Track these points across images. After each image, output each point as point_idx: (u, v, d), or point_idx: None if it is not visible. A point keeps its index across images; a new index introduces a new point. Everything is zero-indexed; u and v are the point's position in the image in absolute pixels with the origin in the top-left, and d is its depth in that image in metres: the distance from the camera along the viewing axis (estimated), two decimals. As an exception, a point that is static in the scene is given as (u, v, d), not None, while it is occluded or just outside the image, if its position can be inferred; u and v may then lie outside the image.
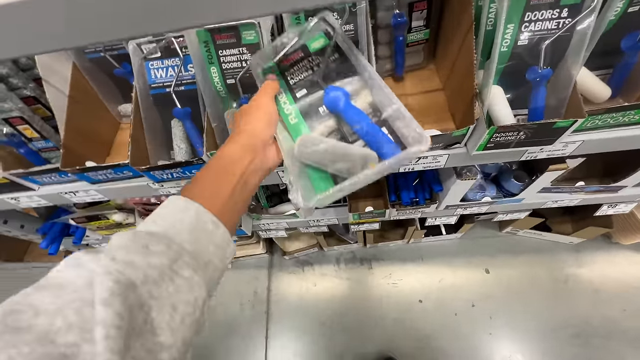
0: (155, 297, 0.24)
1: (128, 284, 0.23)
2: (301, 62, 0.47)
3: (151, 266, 0.25)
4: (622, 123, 0.55)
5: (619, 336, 1.08)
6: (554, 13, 0.47)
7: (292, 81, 0.47)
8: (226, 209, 0.33)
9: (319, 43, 0.46)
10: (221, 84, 0.57)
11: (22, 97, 0.61)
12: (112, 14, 0.26)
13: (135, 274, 0.24)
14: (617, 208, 0.97)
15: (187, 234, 0.29)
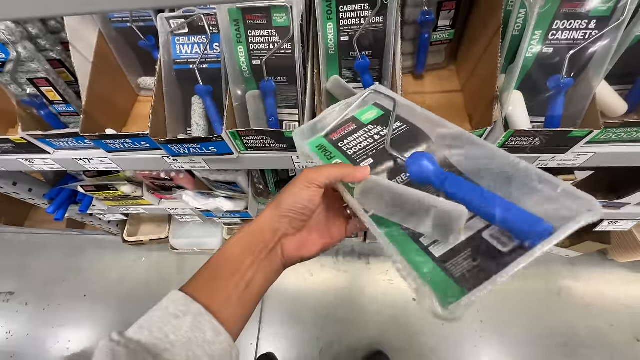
0: None
1: None
2: (356, 133, 0.41)
3: None
4: (635, 139, 0.56)
5: (604, 348, 1.11)
6: (582, 23, 0.48)
7: (350, 151, 0.39)
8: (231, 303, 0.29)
9: (371, 114, 0.42)
10: (246, 64, 0.58)
11: (48, 59, 0.62)
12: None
13: None
14: (617, 225, 0.98)
15: (180, 348, 0.26)
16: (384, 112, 0.42)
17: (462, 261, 0.30)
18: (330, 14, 0.54)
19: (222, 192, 0.96)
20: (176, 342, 0.26)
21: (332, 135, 0.42)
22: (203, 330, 0.27)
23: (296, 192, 0.32)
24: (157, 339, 0.26)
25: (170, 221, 1.41)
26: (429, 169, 0.33)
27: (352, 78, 0.62)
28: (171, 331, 0.26)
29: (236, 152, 0.65)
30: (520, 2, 0.50)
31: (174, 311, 0.27)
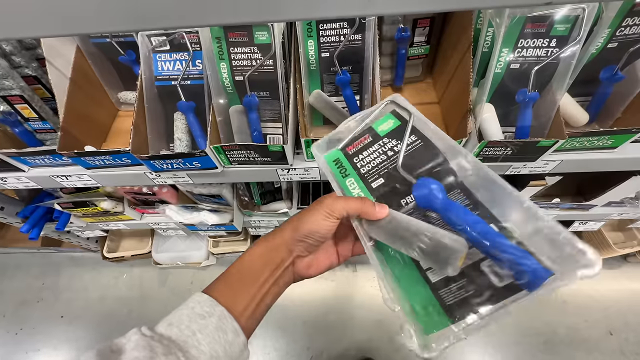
0: None
1: None
2: (371, 147, 0.40)
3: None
4: (596, 146, 0.60)
5: (581, 345, 1.16)
6: (544, 42, 0.52)
7: (363, 169, 0.39)
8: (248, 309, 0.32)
9: (387, 125, 0.41)
10: (229, 80, 0.59)
11: (23, 75, 0.60)
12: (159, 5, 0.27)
13: None
14: (587, 225, 1.04)
15: (207, 346, 0.29)
16: (400, 122, 0.40)
17: (455, 290, 0.30)
18: (311, 31, 0.56)
19: (207, 205, 0.95)
20: (202, 340, 0.29)
21: (348, 148, 0.41)
22: (225, 331, 0.30)
23: (316, 220, 0.33)
24: (186, 336, 0.29)
25: (153, 235, 1.38)
26: (434, 198, 0.33)
27: (333, 92, 0.64)
28: (198, 330, 0.29)
29: (220, 166, 0.65)
30: (488, 22, 0.54)
31: (200, 311, 0.30)
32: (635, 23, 0.49)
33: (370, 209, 0.33)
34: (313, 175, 0.68)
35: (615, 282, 1.28)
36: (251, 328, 0.33)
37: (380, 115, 0.42)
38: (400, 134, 0.39)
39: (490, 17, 0.52)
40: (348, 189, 0.39)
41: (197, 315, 0.30)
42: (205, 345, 0.29)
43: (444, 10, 0.26)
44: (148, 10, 0.29)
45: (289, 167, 0.66)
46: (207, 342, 0.29)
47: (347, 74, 0.60)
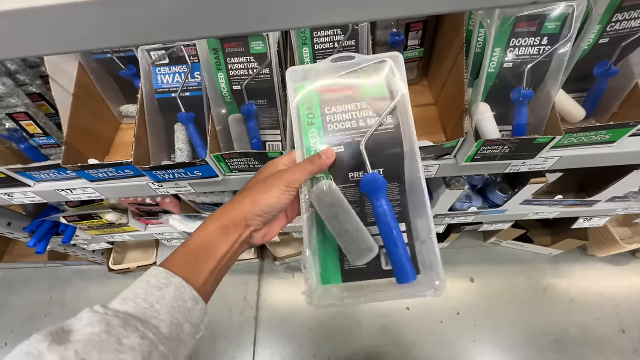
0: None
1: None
2: (348, 104, 0.38)
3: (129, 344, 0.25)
4: (594, 141, 0.60)
5: (593, 343, 1.14)
6: (535, 40, 0.52)
7: (330, 127, 0.38)
8: (208, 282, 0.33)
9: (374, 88, 0.38)
10: (227, 90, 0.60)
11: (27, 93, 0.62)
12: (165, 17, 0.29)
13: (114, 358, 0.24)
14: (592, 221, 1.03)
15: (166, 315, 0.29)
16: (386, 92, 0.38)
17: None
18: (305, 39, 0.57)
19: (210, 214, 0.96)
20: (161, 310, 0.29)
21: (324, 90, 0.38)
22: (184, 300, 0.30)
23: (275, 195, 0.34)
24: (143, 308, 0.28)
25: (158, 246, 1.39)
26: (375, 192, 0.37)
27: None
28: (155, 301, 0.29)
29: (221, 175, 0.66)
30: (479, 23, 0.54)
31: (156, 284, 0.30)
32: (625, 18, 0.50)
33: (321, 164, 0.35)
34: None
35: (625, 279, 1.26)
36: (209, 295, 0.34)
37: (373, 72, 0.38)
38: (379, 107, 0.38)
39: (481, 18, 0.53)
40: (308, 137, 0.38)
41: (154, 287, 0.30)
42: (164, 314, 0.29)
43: (419, 14, 0.27)
44: (144, 26, 0.30)
45: (288, 173, 0.66)
46: (165, 311, 0.29)
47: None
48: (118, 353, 0.25)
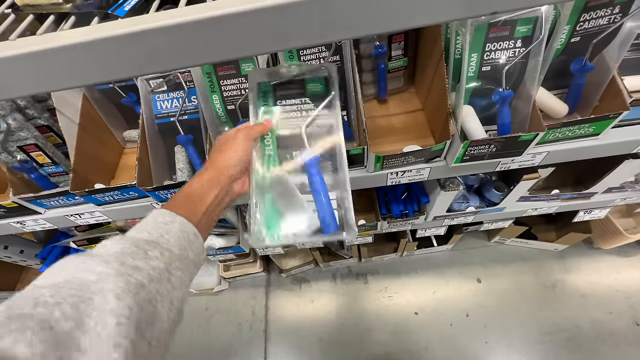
0: (160, 293, 0.30)
1: (137, 284, 0.28)
2: (294, 99, 0.50)
3: (153, 269, 0.30)
4: (579, 135, 0.62)
5: (607, 338, 1.12)
6: (509, 44, 0.55)
7: (281, 115, 0.50)
8: (201, 223, 0.39)
9: (316, 87, 0.50)
10: (222, 110, 0.63)
11: (36, 126, 0.66)
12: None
13: (142, 276, 0.29)
14: (592, 214, 1.03)
15: (175, 242, 0.34)
16: (326, 89, 0.50)
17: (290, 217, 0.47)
18: (292, 58, 0.61)
19: (214, 230, 0.99)
20: (170, 238, 0.34)
21: (278, 85, 0.50)
22: (187, 233, 0.35)
23: (243, 147, 0.44)
24: (156, 236, 0.34)
25: (166, 265, 1.41)
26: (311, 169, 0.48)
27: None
28: (165, 232, 0.34)
29: (221, 191, 0.69)
30: (455, 31, 0.57)
31: (163, 220, 0.35)
32: (593, 17, 0.52)
33: (264, 127, 0.47)
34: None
35: (635, 270, 1.24)
36: (204, 237, 0.39)
37: (315, 72, 0.49)
38: (318, 101, 0.50)
39: (456, 27, 0.56)
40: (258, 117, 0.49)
41: (161, 223, 0.35)
42: (173, 242, 0.34)
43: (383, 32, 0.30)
44: (141, 59, 0.34)
45: (285, 185, 0.69)
46: (174, 240, 0.34)
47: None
48: (147, 260, 0.30)
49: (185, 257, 0.34)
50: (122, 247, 0.30)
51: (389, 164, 0.64)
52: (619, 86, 0.57)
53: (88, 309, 0.24)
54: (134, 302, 0.26)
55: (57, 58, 0.35)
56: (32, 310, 0.22)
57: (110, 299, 0.25)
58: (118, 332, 0.24)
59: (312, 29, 0.31)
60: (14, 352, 0.20)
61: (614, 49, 0.56)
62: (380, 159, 0.62)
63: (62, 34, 0.35)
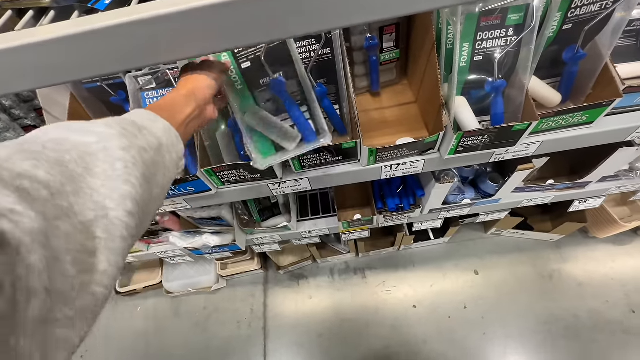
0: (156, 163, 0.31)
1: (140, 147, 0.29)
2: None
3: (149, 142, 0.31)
4: (573, 124, 0.62)
5: (604, 327, 1.13)
6: (501, 32, 0.54)
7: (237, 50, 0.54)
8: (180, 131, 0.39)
9: None
10: (212, 106, 0.62)
11: (23, 126, 0.65)
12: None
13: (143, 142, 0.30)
14: (587, 203, 1.04)
15: (162, 135, 0.33)
16: None
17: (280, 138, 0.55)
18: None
19: (209, 228, 0.98)
20: (157, 132, 0.33)
21: None
22: (171, 135, 0.35)
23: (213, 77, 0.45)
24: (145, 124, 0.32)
25: (162, 265, 1.40)
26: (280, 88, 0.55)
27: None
28: (151, 126, 0.33)
29: (214, 188, 0.68)
30: (447, 21, 0.57)
31: (148, 117, 0.34)
32: (584, 4, 0.52)
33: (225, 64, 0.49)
34: (304, 186, 0.70)
35: (630, 258, 1.25)
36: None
37: None
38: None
39: (447, 16, 0.55)
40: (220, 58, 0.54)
41: (146, 119, 0.33)
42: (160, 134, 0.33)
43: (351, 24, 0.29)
44: (124, 54, 0.33)
45: (279, 181, 0.68)
46: (161, 133, 0.33)
47: (323, 87, 0.63)
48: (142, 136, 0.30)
49: (170, 152, 0.33)
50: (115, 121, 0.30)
51: (382, 157, 0.64)
52: (612, 73, 0.57)
53: (94, 160, 0.25)
54: (140, 156, 0.27)
55: (36, 54, 0.34)
56: (43, 150, 0.22)
57: (116, 151, 0.26)
58: (127, 173, 0.25)
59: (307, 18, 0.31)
60: (35, 173, 0.20)
61: (607, 36, 0.56)
62: (374, 152, 0.61)
63: (42, 30, 0.34)
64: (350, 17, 0.31)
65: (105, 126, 0.28)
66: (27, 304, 0.16)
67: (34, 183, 0.20)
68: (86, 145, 0.25)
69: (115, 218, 0.23)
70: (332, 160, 0.65)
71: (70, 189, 0.22)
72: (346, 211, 1.04)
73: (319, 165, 0.66)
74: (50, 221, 0.19)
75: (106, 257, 0.22)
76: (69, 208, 0.21)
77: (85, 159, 0.24)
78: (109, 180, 0.24)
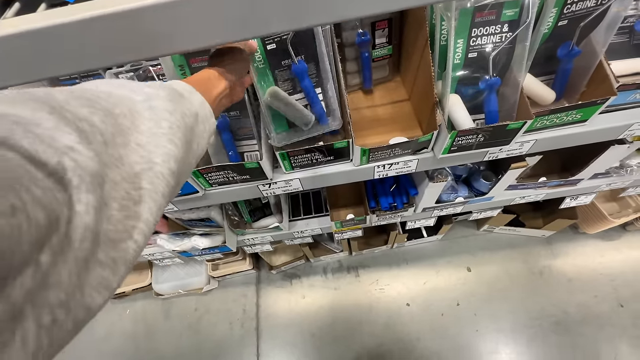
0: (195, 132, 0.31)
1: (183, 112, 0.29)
2: None
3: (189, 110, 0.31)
4: (567, 122, 0.61)
5: (593, 321, 1.15)
6: (496, 28, 0.53)
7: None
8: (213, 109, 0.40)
9: None
10: (198, 105, 0.59)
11: None
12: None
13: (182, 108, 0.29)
14: (578, 200, 1.04)
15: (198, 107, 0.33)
16: None
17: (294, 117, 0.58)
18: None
19: (198, 230, 0.95)
20: (195, 102, 0.33)
21: None
22: (205, 109, 0.35)
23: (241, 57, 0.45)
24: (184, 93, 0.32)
25: (152, 267, 1.37)
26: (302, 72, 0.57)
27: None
28: (189, 97, 0.33)
29: (201, 190, 0.66)
30: (440, 16, 0.55)
31: (185, 88, 0.34)
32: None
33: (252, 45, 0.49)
34: (295, 187, 0.68)
35: (618, 253, 1.27)
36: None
37: None
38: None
39: (441, 12, 0.53)
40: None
41: (184, 89, 0.34)
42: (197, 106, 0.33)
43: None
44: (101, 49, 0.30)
45: (269, 182, 0.66)
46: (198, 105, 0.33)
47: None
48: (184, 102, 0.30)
49: (204, 123, 0.34)
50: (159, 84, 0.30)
51: (375, 157, 0.62)
52: (606, 71, 0.56)
53: (140, 117, 0.25)
54: (182, 120, 0.28)
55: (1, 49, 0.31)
56: (98, 100, 0.23)
57: (162, 111, 0.26)
58: (172, 133, 0.26)
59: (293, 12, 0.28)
60: (92, 119, 0.21)
61: (601, 32, 0.55)
62: (366, 152, 0.60)
63: (5, 22, 0.31)
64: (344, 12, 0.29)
65: (151, 87, 0.28)
66: (79, 243, 0.17)
67: (93, 127, 0.20)
68: (133, 102, 0.26)
69: (159, 173, 0.24)
70: (324, 160, 0.64)
71: (119, 140, 0.22)
72: (339, 210, 1.03)
73: (310, 165, 0.64)
74: (103, 166, 0.19)
75: (149, 207, 0.23)
76: (119, 159, 0.21)
77: (134, 114, 0.25)
78: (154, 137, 0.25)
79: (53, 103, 0.19)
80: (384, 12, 0.31)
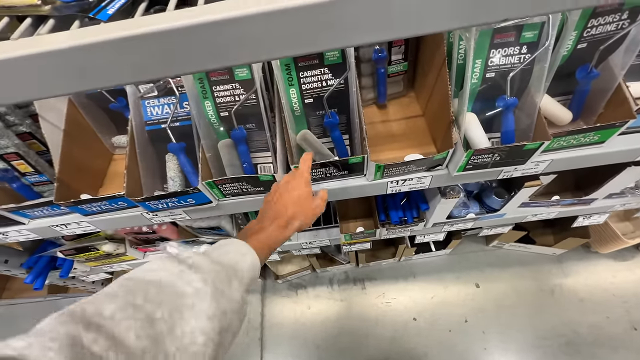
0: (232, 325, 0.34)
1: (223, 311, 0.32)
2: (315, 70, 0.57)
3: (233, 300, 0.34)
4: (583, 143, 0.61)
5: (605, 342, 1.12)
6: (515, 49, 0.53)
7: (304, 87, 0.59)
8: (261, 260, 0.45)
9: (333, 56, 0.56)
10: (215, 117, 0.60)
11: (17, 133, 0.62)
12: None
13: (226, 303, 0.33)
14: (591, 219, 1.03)
15: (247, 273, 0.39)
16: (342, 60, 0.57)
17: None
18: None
19: (208, 238, 0.95)
20: (244, 269, 0.39)
21: (300, 60, 0.56)
22: (255, 268, 0.41)
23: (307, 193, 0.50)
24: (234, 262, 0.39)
25: (158, 272, 1.37)
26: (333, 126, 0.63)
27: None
28: (241, 261, 0.40)
29: (215, 200, 0.66)
30: (459, 36, 0.55)
31: (243, 251, 0.41)
32: (600, 23, 0.51)
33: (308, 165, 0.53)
34: (307, 200, 0.68)
35: (631, 274, 1.24)
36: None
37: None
38: (337, 72, 0.57)
39: (460, 32, 0.54)
40: (290, 97, 0.59)
41: (240, 253, 0.41)
42: (245, 272, 0.39)
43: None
44: (128, 67, 0.31)
45: (282, 194, 0.66)
46: (247, 270, 0.39)
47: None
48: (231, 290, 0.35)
49: (249, 285, 0.40)
50: (214, 268, 0.35)
51: (389, 173, 0.62)
52: (625, 93, 0.56)
53: (179, 320, 0.29)
54: (219, 326, 0.31)
55: (32, 65, 0.32)
56: (143, 304, 0.27)
57: (203, 319, 0.30)
58: (204, 350, 0.29)
59: (310, 36, 0.29)
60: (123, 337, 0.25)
61: (620, 55, 0.55)
62: (381, 168, 0.60)
63: (39, 39, 0.32)
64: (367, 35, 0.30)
65: (203, 282, 0.32)
66: None
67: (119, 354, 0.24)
68: (182, 296, 0.30)
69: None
70: (338, 174, 0.64)
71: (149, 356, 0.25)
72: (348, 222, 1.02)
73: (324, 179, 0.65)
74: None
75: None
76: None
77: (174, 315, 0.28)
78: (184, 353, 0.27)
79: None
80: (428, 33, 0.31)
